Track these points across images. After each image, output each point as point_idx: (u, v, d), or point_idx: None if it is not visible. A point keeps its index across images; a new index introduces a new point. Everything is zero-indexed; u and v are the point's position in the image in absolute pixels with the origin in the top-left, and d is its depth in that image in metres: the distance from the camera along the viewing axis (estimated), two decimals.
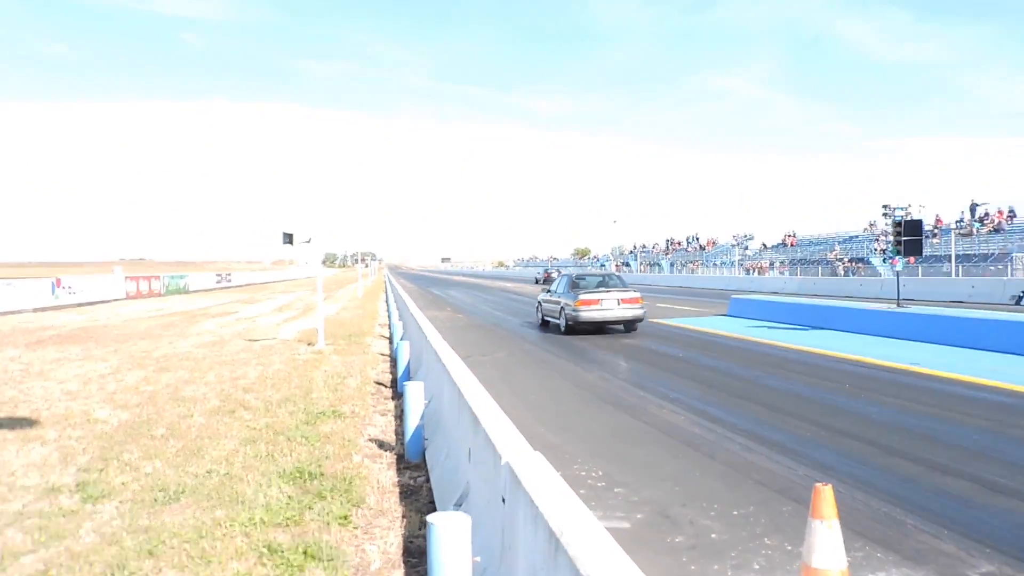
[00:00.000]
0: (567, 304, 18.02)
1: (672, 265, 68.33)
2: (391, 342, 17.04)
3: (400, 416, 8.73)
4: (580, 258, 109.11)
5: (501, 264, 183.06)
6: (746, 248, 60.83)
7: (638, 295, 17.83)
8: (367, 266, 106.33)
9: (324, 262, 22.92)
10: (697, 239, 71.43)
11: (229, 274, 67.65)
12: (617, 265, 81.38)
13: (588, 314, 17.43)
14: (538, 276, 64.71)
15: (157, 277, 46.66)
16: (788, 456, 6.83)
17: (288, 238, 15.75)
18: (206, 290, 54.57)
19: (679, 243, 74.59)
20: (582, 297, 17.55)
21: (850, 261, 44.88)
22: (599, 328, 18.03)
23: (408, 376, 10.92)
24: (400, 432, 8.01)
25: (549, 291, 20.24)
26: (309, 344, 16.81)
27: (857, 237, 49.19)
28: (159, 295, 45.03)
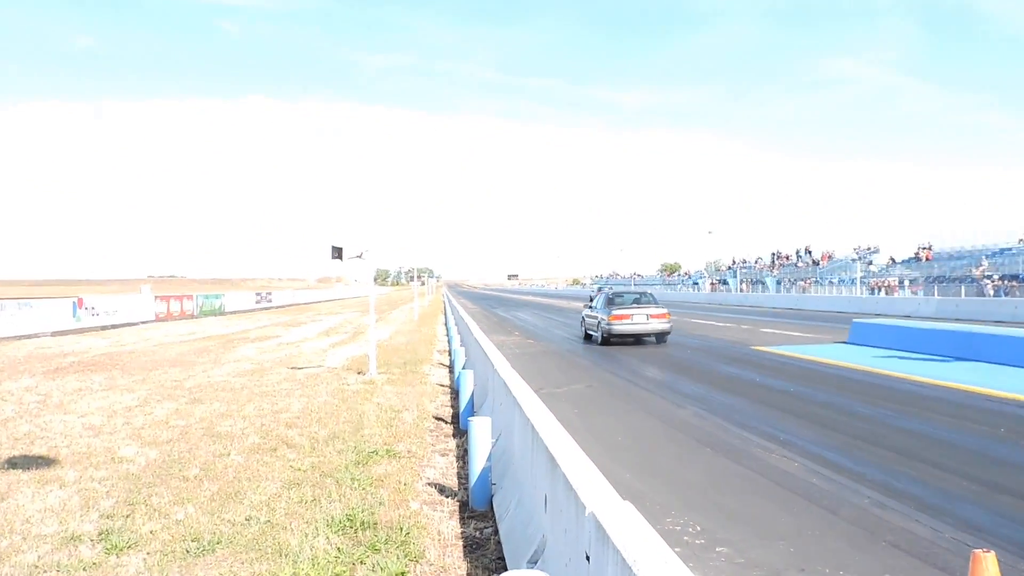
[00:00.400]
0: (603, 319, 23.04)
1: (779, 283, 67.18)
2: (452, 371, 17.15)
3: (463, 457, 8.75)
4: (668, 275, 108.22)
5: (577, 282, 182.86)
6: (870, 263, 59.39)
7: (666, 311, 23.00)
8: (423, 284, 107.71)
9: (375, 280, 23.26)
10: (809, 252, 70.11)
11: (269, 293, 69.34)
12: (713, 283, 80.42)
13: (620, 327, 22.55)
14: (592, 294, 74.15)
15: (190, 297, 48.11)
16: (930, 514, 6.57)
17: (337, 252, 16.06)
18: (244, 311, 55.99)
19: (787, 257, 73.34)
20: (615, 312, 22.67)
21: (1001, 279, 43.36)
22: (636, 340, 23.22)
23: (472, 410, 10.95)
24: (463, 475, 8.02)
25: (591, 307, 25.36)
26: (359, 373, 17.05)
27: (1010, 250, 47.47)
28: (192, 316, 46.38)
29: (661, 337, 23.20)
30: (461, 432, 10.33)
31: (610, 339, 22.93)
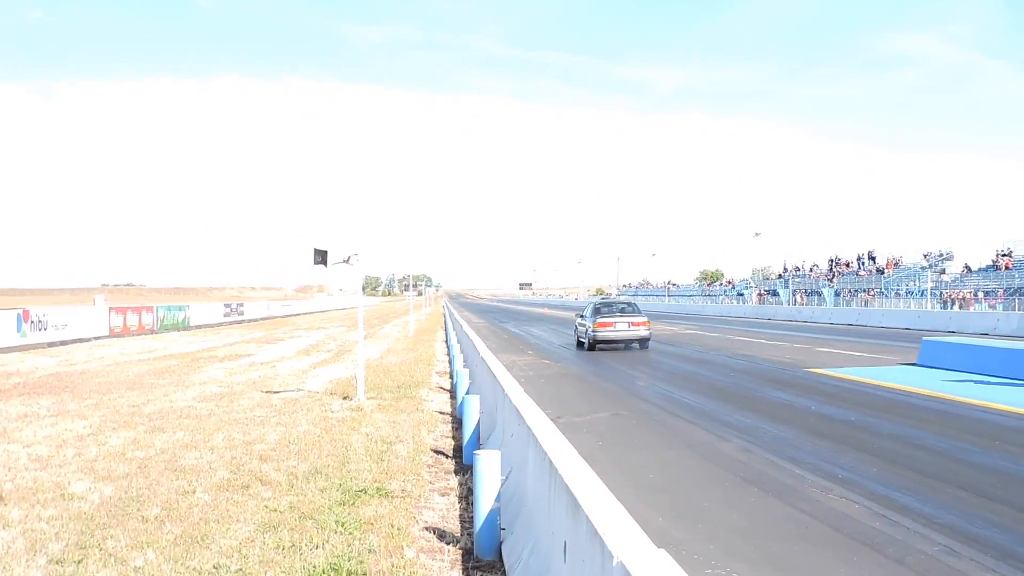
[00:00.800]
0: (589, 327, 29.41)
1: (838, 295, 67.03)
2: (454, 396, 17.15)
3: (467, 497, 8.75)
4: (708, 285, 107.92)
5: (601, 292, 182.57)
6: (942, 272, 59.20)
7: (646, 320, 29.56)
8: (420, 294, 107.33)
9: (364, 289, 23.23)
10: (872, 259, 69.91)
11: (241, 305, 69.57)
12: (760, 295, 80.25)
13: (604, 334, 28.99)
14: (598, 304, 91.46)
15: (149, 309, 48.32)
16: (1011, 564, 6.55)
17: (320, 257, 16.04)
18: (211, 325, 56.17)
19: (847, 264, 73.17)
20: (600, 321, 29.20)
21: None
22: (617, 344, 29.48)
23: (477, 443, 10.96)
24: (467, 518, 8.02)
25: (582, 316, 31.61)
26: (345, 398, 17.09)
27: None
28: (151, 331, 46.56)
29: (643, 343, 29.67)
30: (465, 468, 10.31)
31: (595, 345, 29.42)
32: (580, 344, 31.67)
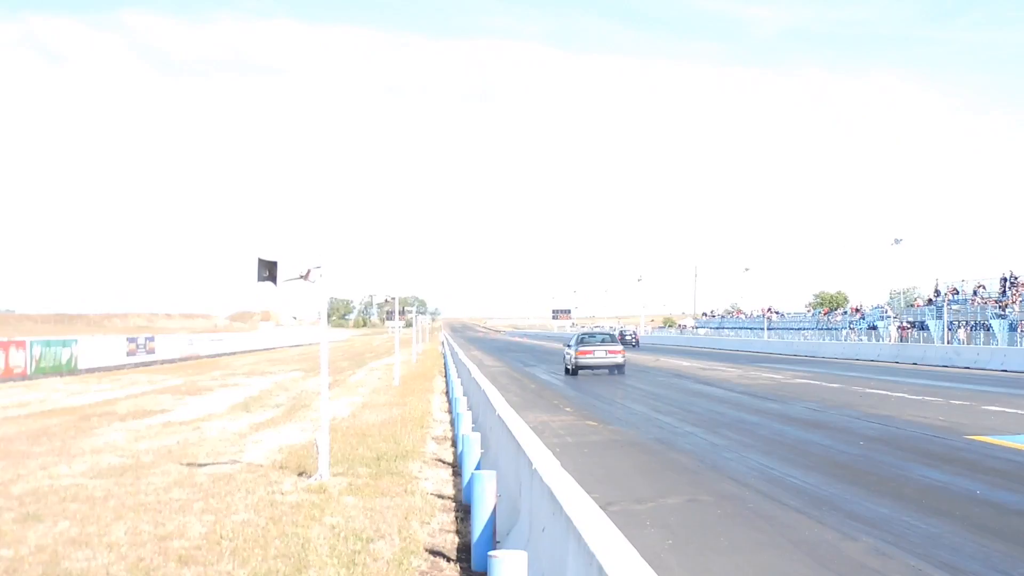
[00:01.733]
0: (572, 354, 47.78)
1: (1014, 328, 66.53)
2: (458, 472, 17.13)
3: None
4: (826, 313, 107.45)
5: (669, 322, 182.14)
6: None
7: (621, 348, 48.93)
8: (407, 324, 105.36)
9: (330, 316, 23.12)
10: None
11: (151, 338, 69.81)
12: (903, 328, 79.77)
13: (584, 360, 47.04)
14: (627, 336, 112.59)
15: (20, 344, 48.49)
16: None
17: (267, 270, 15.76)
18: (110, 368, 56.28)
19: None
20: (581, 349, 47.35)
21: None
22: (597, 369, 47.91)
23: (492, 540, 10.83)
24: None
25: (568, 345, 50.29)
26: (301, 474, 17.02)
27: None
28: (23, 376, 46.69)
29: (619, 369, 47.90)
30: None
31: (577, 370, 48.22)
32: (566, 371, 50.25)
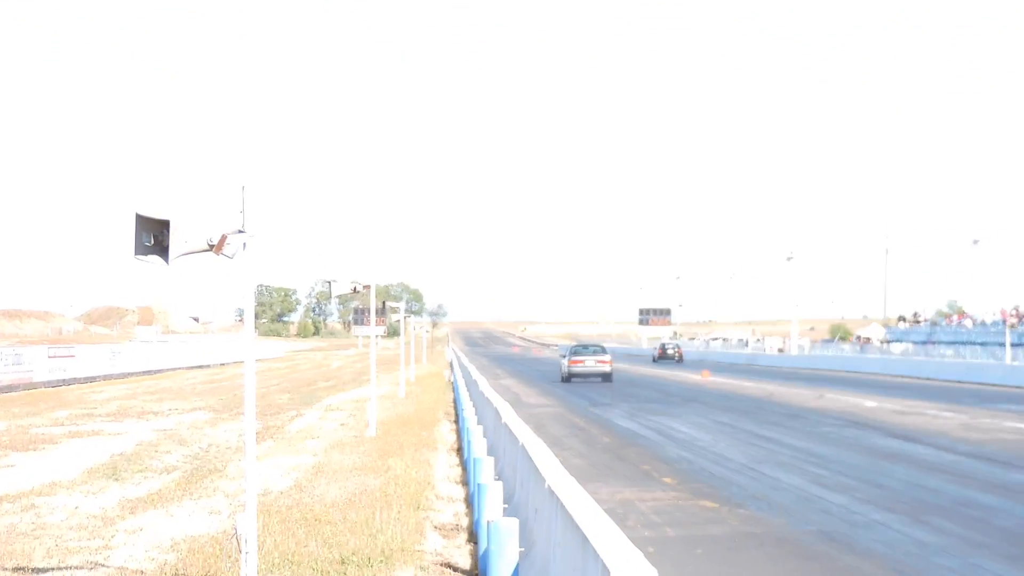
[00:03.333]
0: (565, 364, 77.71)
1: None
2: None
3: None
4: (951, 321, 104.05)
5: (842, 332, 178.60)
6: None
7: (609, 357, 76.69)
8: (387, 333, 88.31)
9: (260, 318, 16.86)
10: None
11: None
12: None
13: (576, 368, 75.00)
14: (654, 355, 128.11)
15: None
16: None
17: (152, 235, 11.47)
18: None
19: None
20: (572, 359, 77.32)
21: None
22: (588, 377, 73.27)
23: None
24: None
25: (563, 356, 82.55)
26: None
27: None
28: None
29: (607, 377, 70.17)
30: None
31: (570, 378, 70.64)
32: (562, 379, 71.44)
